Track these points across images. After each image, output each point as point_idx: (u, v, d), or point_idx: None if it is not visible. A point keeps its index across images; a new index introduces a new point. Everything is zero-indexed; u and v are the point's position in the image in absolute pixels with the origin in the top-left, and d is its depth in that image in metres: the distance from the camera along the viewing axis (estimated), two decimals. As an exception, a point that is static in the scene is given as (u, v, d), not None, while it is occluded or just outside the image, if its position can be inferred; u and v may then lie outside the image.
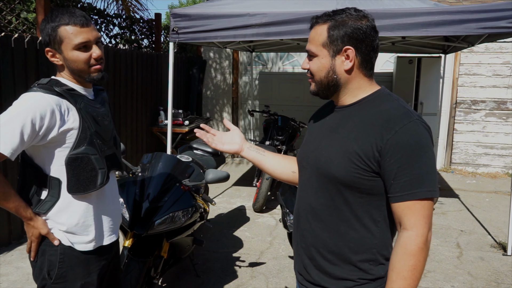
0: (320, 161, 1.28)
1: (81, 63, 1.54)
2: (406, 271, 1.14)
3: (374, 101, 1.26)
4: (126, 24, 6.40)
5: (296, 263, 1.43)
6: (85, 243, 1.64)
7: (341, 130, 1.27)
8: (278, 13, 3.89)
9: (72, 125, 1.53)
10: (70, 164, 1.54)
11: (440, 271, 3.52)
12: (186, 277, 3.33)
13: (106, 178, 1.63)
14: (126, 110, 5.70)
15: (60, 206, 1.58)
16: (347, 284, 1.26)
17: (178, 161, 2.86)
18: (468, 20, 3.63)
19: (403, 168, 1.13)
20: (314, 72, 1.28)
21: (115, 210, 1.80)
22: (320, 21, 1.25)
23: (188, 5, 13.52)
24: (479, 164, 7.02)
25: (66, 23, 1.50)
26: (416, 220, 1.15)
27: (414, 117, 1.18)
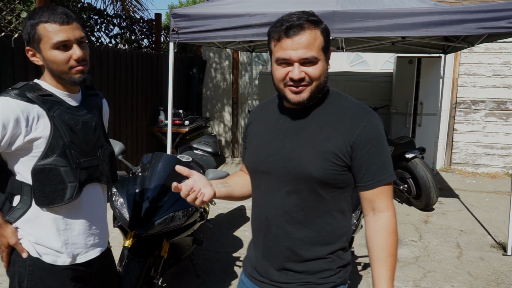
0: (292, 163, 1.28)
1: (60, 64, 1.44)
2: (392, 248, 1.27)
3: (331, 100, 1.33)
4: (126, 24, 6.40)
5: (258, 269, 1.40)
6: (56, 257, 1.53)
7: (305, 131, 1.29)
8: (278, 13, 3.88)
9: (41, 134, 1.43)
10: (36, 175, 1.44)
11: (440, 271, 3.53)
12: (186, 277, 3.33)
13: (76, 192, 1.50)
14: (126, 110, 5.70)
15: (30, 215, 1.48)
16: (325, 274, 1.33)
17: (178, 161, 2.86)
18: (468, 20, 3.63)
19: (372, 158, 1.25)
20: (315, 77, 1.24)
21: (97, 225, 1.64)
22: (306, 25, 1.21)
23: (188, 5, 13.52)
24: (479, 164, 7.02)
25: (45, 20, 1.41)
26: (388, 202, 1.29)
27: (372, 112, 1.30)
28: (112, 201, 2.54)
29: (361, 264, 3.63)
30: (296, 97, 1.26)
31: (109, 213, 3.01)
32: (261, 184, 1.36)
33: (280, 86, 1.28)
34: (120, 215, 2.46)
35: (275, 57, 1.25)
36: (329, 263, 1.32)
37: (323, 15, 3.83)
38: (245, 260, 1.51)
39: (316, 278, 1.32)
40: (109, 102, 5.20)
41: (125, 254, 2.54)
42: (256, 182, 1.40)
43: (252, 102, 7.79)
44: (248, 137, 1.46)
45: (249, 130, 1.46)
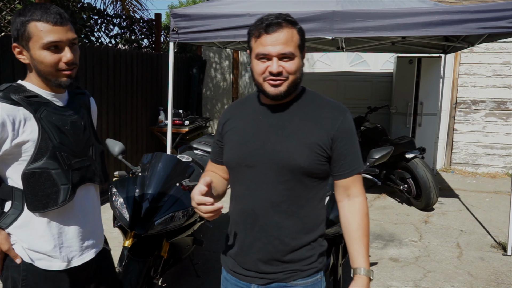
0: (279, 156, 1.36)
1: (49, 66, 1.39)
2: (366, 229, 1.40)
3: (309, 98, 1.44)
4: (126, 24, 6.39)
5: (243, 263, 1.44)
6: (50, 262, 1.49)
7: (289, 125, 1.39)
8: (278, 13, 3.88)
9: (29, 137, 1.38)
10: (27, 179, 1.40)
11: (440, 271, 3.52)
12: (186, 277, 3.33)
13: (70, 195, 1.46)
14: (126, 110, 5.69)
15: (23, 220, 1.45)
16: (308, 261, 1.43)
17: (178, 161, 2.86)
18: (468, 20, 3.63)
19: (349, 149, 1.39)
20: (292, 72, 1.34)
21: (91, 226, 1.61)
22: (284, 24, 1.33)
23: (188, 5, 13.52)
24: (479, 164, 7.02)
25: (38, 19, 1.35)
26: (361, 188, 1.44)
27: (346, 108, 1.44)
28: (112, 201, 2.54)
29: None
30: (274, 90, 1.35)
31: (109, 213, 3.01)
32: (244, 178, 1.41)
33: (259, 81, 1.36)
34: (120, 215, 2.46)
35: (255, 53, 1.34)
36: (311, 250, 1.43)
37: (323, 15, 3.85)
38: (223, 257, 1.54)
39: (300, 265, 1.41)
40: (109, 102, 5.24)
41: (125, 254, 2.54)
42: (238, 177, 1.45)
43: (252, 102, 7.78)
44: (225, 135, 1.49)
45: (225, 128, 1.50)
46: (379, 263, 3.66)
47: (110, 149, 2.70)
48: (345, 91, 7.49)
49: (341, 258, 2.67)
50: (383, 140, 5.50)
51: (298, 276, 1.41)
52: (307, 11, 3.83)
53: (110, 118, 5.28)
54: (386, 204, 5.33)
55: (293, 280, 1.41)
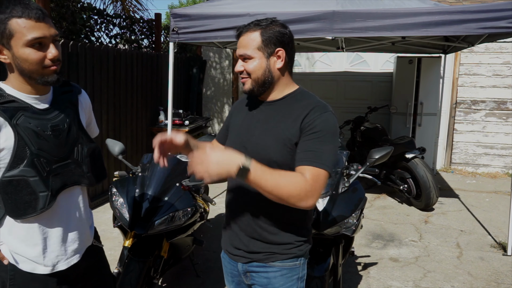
0: (258, 148, 1.49)
1: (34, 63, 1.33)
2: (280, 180, 1.31)
3: (296, 97, 1.53)
4: (126, 24, 6.40)
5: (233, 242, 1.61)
6: (34, 266, 1.46)
7: (271, 121, 1.50)
8: (278, 13, 3.88)
9: (4, 145, 1.33)
10: (4, 187, 1.36)
11: (440, 271, 3.52)
12: (186, 277, 3.33)
13: (49, 201, 1.42)
14: (126, 110, 5.69)
15: (8, 224, 1.43)
16: (288, 246, 1.53)
17: (178, 161, 2.86)
18: (468, 20, 3.62)
19: (311, 144, 1.40)
20: (250, 71, 1.48)
21: (76, 229, 1.56)
22: (250, 29, 1.47)
23: (188, 5, 13.52)
24: (479, 164, 7.02)
25: (19, 15, 1.29)
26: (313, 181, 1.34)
27: (328, 109, 1.46)
28: (112, 201, 2.54)
29: (361, 264, 3.63)
30: (243, 87, 1.54)
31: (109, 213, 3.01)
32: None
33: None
34: (120, 215, 2.46)
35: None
36: (290, 237, 1.52)
37: (323, 15, 3.85)
38: (222, 237, 1.71)
39: (279, 249, 1.53)
40: (109, 102, 5.23)
41: (125, 254, 2.54)
42: None
43: (252, 102, 7.79)
44: (230, 125, 1.68)
45: (231, 119, 1.69)
46: (379, 263, 3.66)
47: (110, 149, 2.70)
48: (345, 91, 7.49)
49: (341, 258, 2.67)
50: (383, 140, 5.50)
51: (276, 258, 1.53)
52: (307, 11, 3.83)
53: (110, 118, 5.28)
54: (386, 204, 5.33)
55: (271, 261, 1.53)
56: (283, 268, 1.53)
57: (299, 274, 1.57)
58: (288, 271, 1.54)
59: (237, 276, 1.65)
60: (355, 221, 2.56)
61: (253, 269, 1.56)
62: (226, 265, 1.69)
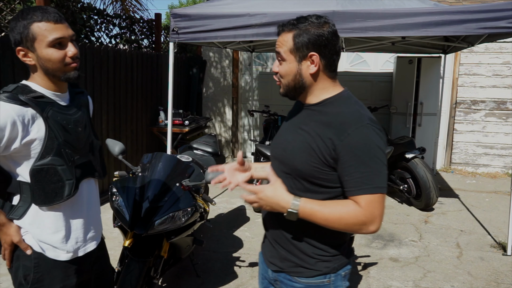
0: (286, 153, 1.44)
1: (56, 62, 1.48)
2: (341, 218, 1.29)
3: (334, 103, 1.40)
4: (126, 24, 6.40)
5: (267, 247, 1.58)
6: (58, 253, 1.59)
7: (304, 127, 1.42)
8: (278, 13, 3.89)
9: (36, 135, 1.47)
10: (35, 175, 1.49)
11: (440, 271, 3.53)
12: (186, 277, 3.33)
13: (74, 189, 1.57)
14: (126, 110, 5.69)
15: (32, 213, 1.54)
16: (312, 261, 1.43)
17: (178, 161, 2.86)
18: (468, 20, 3.63)
19: (355, 166, 1.28)
20: (282, 75, 1.41)
21: (93, 218, 1.72)
22: (286, 29, 1.37)
23: (188, 5, 13.52)
24: (479, 164, 7.03)
25: (39, 19, 1.44)
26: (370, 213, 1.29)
27: (365, 121, 1.31)
28: (112, 201, 2.54)
29: (361, 264, 3.63)
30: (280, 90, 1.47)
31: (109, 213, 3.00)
32: (272, 166, 1.54)
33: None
34: (120, 215, 2.46)
35: None
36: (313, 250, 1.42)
37: (323, 15, 3.84)
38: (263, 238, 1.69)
39: (301, 261, 1.44)
40: (109, 102, 5.24)
41: (125, 254, 2.54)
42: (271, 164, 1.58)
43: (252, 102, 7.79)
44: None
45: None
46: (379, 263, 3.66)
47: (110, 149, 2.70)
48: (345, 91, 7.48)
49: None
50: (383, 140, 5.49)
51: (301, 274, 1.44)
52: (307, 11, 3.83)
53: (110, 118, 5.28)
54: (386, 204, 5.31)
55: (297, 276, 1.46)
56: (309, 285, 1.44)
57: None
58: None
59: (267, 279, 1.60)
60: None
61: (281, 279, 1.50)
62: (260, 266, 1.68)
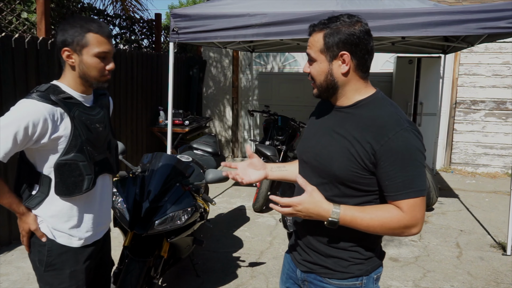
0: (321, 158, 1.40)
1: (96, 71, 1.66)
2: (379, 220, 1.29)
3: (369, 105, 1.37)
4: (126, 24, 6.40)
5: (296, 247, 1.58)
6: (69, 240, 1.74)
7: (338, 130, 1.38)
8: (278, 13, 3.89)
9: (63, 133, 1.62)
10: (59, 169, 1.64)
11: (440, 271, 3.53)
12: (186, 277, 3.33)
13: (92, 183, 1.72)
14: (126, 110, 5.70)
15: (48, 203, 1.68)
16: (344, 263, 1.42)
17: (178, 161, 2.86)
18: (468, 20, 3.63)
19: (396, 171, 1.28)
20: (314, 76, 1.39)
21: (104, 210, 1.87)
22: (317, 29, 1.36)
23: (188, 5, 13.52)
24: (478, 164, 7.03)
25: (96, 31, 1.63)
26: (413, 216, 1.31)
27: (405, 124, 1.30)
28: (112, 201, 2.54)
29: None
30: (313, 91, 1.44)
31: (109, 213, 3.00)
32: (301, 171, 1.52)
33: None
34: (120, 215, 2.46)
35: None
36: (347, 253, 1.42)
37: (323, 15, 3.83)
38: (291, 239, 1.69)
39: (334, 264, 1.43)
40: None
41: (125, 254, 2.55)
42: (299, 168, 1.56)
43: (252, 102, 7.79)
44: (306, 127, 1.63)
45: (308, 122, 1.61)
46: (379, 263, 3.66)
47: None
48: (345, 91, 7.48)
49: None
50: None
51: (333, 276, 1.44)
52: (307, 11, 3.83)
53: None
54: (386, 204, 5.33)
55: (328, 277, 1.45)
56: (340, 287, 1.43)
57: None
58: None
59: (294, 279, 1.59)
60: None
61: (311, 280, 1.50)
62: (285, 265, 1.66)
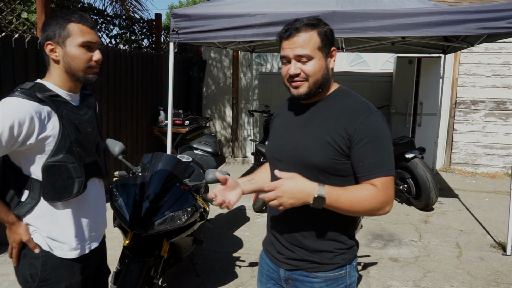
0: (298, 152, 1.44)
1: (82, 61, 1.56)
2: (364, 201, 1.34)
3: (338, 97, 1.47)
4: (126, 24, 6.40)
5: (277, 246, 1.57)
6: (65, 251, 1.62)
7: (312, 123, 1.45)
8: (278, 13, 3.89)
9: (51, 133, 1.51)
10: (47, 171, 1.52)
11: (440, 271, 3.53)
12: (186, 277, 3.33)
13: (83, 186, 1.60)
14: (126, 110, 5.70)
15: (40, 211, 1.56)
16: (330, 255, 1.47)
17: (178, 161, 2.86)
18: (468, 20, 3.63)
19: (369, 152, 1.36)
20: (310, 73, 1.40)
21: (98, 217, 1.76)
22: (303, 28, 1.38)
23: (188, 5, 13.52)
24: (478, 164, 7.03)
25: (78, 21, 1.54)
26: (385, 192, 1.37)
27: (373, 109, 1.42)
28: (112, 201, 2.54)
29: (361, 264, 3.63)
30: (295, 91, 1.43)
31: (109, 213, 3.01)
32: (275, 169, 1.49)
33: (286, 83, 1.46)
34: (120, 215, 2.46)
35: (280, 56, 1.45)
36: (332, 244, 1.47)
37: (323, 15, 3.84)
38: (264, 238, 1.69)
39: (321, 257, 1.47)
40: (109, 102, 5.24)
41: (125, 254, 2.55)
42: (271, 169, 1.57)
43: (252, 102, 7.79)
44: (270, 129, 1.66)
45: (271, 125, 1.66)
46: (379, 263, 3.66)
47: (110, 149, 2.69)
48: (345, 91, 7.48)
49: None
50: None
51: (319, 269, 1.48)
52: (307, 11, 3.83)
53: (110, 118, 5.28)
54: (386, 204, 5.33)
55: (315, 271, 1.48)
56: (328, 279, 1.48)
57: (346, 283, 1.50)
58: (334, 281, 1.48)
59: (276, 280, 1.59)
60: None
61: (297, 277, 1.51)
62: (264, 266, 1.64)
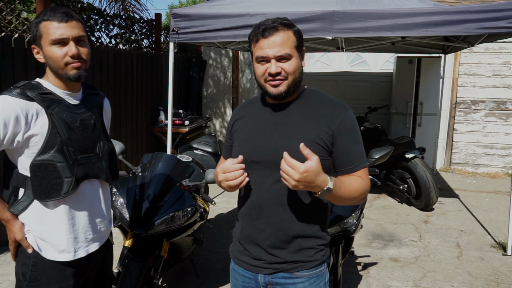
0: (281, 152, 1.36)
1: (57, 60, 1.50)
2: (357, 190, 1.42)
3: (310, 96, 1.50)
4: (126, 24, 6.40)
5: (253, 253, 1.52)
6: (55, 253, 1.58)
7: (291, 122, 1.46)
8: (278, 13, 3.88)
9: (39, 131, 1.48)
10: (34, 169, 1.50)
11: (440, 271, 3.53)
12: (186, 277, 3.33)
13: (72, 187, 1.54)
14: (126, 110, 5.70)
15: (34, 209, 1.55)
16: (311, 252, 1.49)
17: (178, 161, 2.86)
18: (468, 20, 3.63)
19: (351, 146, 1.44)
20: (290, 72, 1.41)
21: (96, 220, 1.69)
22: (280, 27, 1.39)
23: (188, 5, 13.51)
24: (479, 164, 7.03)
25: (47, 18, 1.49)
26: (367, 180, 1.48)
27: (347, 106, 1.49)
28: (112, 201, 2.54)
29: (361, 264, 3.63)
30: (275, 90, 1.42)
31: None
32: (251, 173, 1.47)
33: (261, 82, 1.45)
34: (120, 215, 2.46)
35: (255, 56, 1.43)
36: (313, 241, 1.49)
37: (323, 15, 3.85)
38: (231, 248, 1.64)
39: (303, 256, 1.48)
40: (109, 102, 5.22)
41: (125, 254, 2.55)
42: (247, 172, 1.47)
43: (252, 102, 7.78)
44: (234, 133, 1.59)
45: (234, 127, 1.60)
46: (379, 263, 3.66)
47: (110, 149, 2.70)
48: (345, 91, 7.49)
49: (341, 258, 2.67)
50: (383, 140, 5.50)
51: (302, 267, 1.48)
52: (307, 11, 3.83)
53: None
54: (386, 204, 5.33)
55: (297, 271, 1.48)
56: (311, 277, 1.49)
57: (326, 279, 1.55)
58: (316, 279, 1.50)
59: None
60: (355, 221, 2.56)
61: (277, 280, 1.49)
62: (238, 278, 1.58)
